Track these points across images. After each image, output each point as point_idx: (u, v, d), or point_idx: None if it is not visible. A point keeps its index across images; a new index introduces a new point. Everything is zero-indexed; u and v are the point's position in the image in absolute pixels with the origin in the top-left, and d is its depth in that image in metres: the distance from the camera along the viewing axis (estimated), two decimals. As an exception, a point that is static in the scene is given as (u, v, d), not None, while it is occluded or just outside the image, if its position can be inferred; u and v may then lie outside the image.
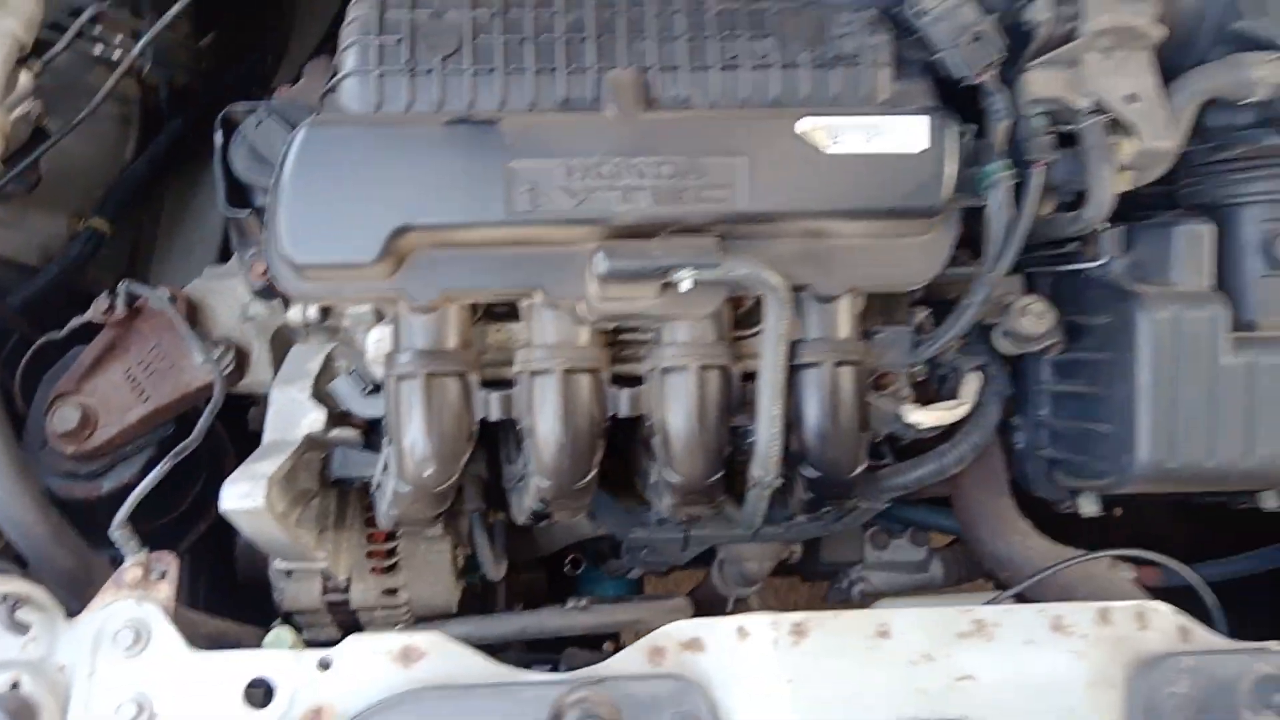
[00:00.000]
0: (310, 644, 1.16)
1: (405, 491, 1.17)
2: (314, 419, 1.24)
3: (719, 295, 1.14)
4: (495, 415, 1.17)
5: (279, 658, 1.08)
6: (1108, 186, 1.17)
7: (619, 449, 1.44)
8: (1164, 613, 1.13)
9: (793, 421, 1.20)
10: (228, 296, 1.40)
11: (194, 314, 1.39)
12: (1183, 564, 1.31)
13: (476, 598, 1.69)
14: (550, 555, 1.81)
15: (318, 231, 1.09)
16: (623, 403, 1.18)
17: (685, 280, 1.10)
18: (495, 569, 1.52)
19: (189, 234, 1.68)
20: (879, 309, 1.28)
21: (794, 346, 1.16)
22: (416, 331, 1.14)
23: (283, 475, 1.16)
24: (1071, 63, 1.18)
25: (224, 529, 1.52)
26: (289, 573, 1.39)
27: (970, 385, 1.33)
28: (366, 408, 1.23)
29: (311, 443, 1.25)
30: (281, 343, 1.38)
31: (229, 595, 1.58)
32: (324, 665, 1.08)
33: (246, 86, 1.74)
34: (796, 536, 1.49)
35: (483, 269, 1.11)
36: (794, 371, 1.18)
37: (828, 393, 1.17)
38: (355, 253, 1.08)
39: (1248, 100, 1.19)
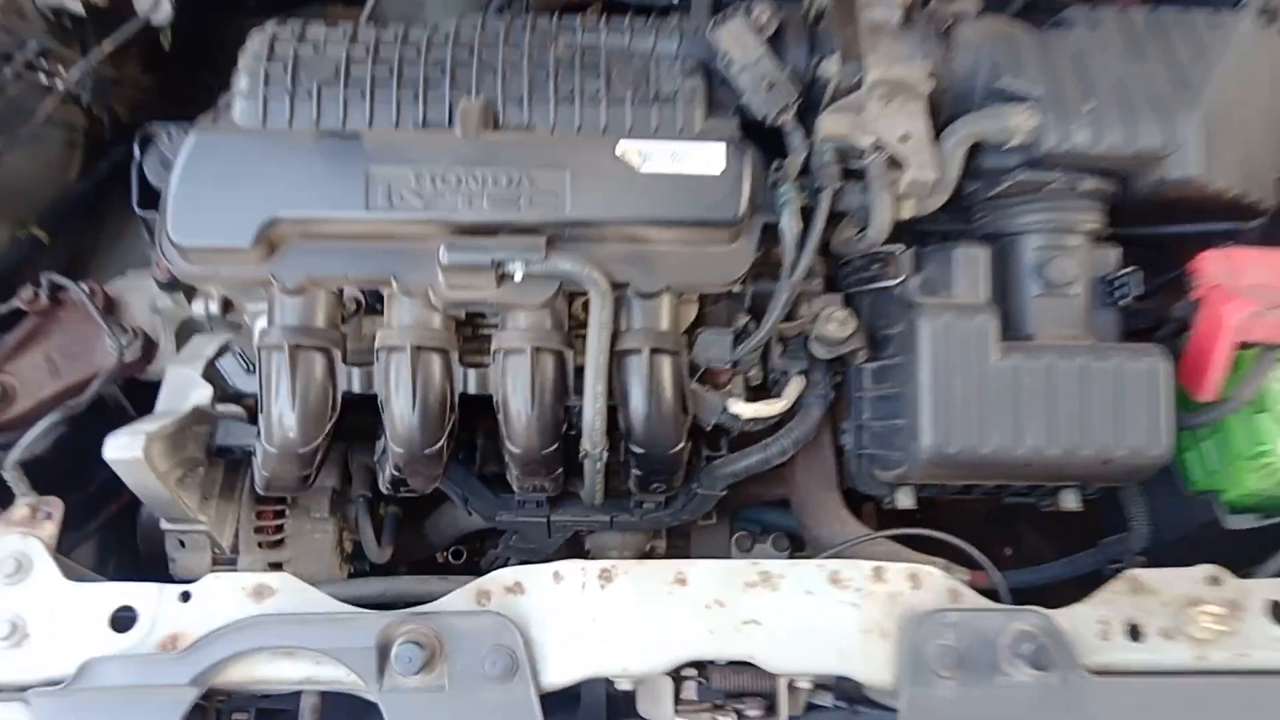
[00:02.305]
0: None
1: (272, 453, 1.33)
2: (202, 393, 1.42)
3: (550, 287, 1.33)
4: (356, 388, 1.35)
5: (144, 590, 1.24)
6: (886, 211, 1.38)
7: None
8: (936, 575, 1.29)
9: (620, 402, 1.37)
10: (143, 293, 1.59)
11: (111, 307, 1.57)
12: (972, 547, 1.47)
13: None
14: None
15: (201, 219, 1.28)
16: (470, 381, 1.36)
17: (517, 272, 1.29)
18: (378, 553, 1.67)
19: (125, 249, 1.87)
20: (719, 315, 1.47)
21: (619, 336, 1.35)
22: (286, 310, 1.32)
23: (165, 434, 1.33)
24: (857, 108, 1.40)
25: (134, 512, 1.68)
26: (182, 543, 1.54)
27: (791, 386, 1.51)
28: (246, 384, 1.41)
29: (199, 415, 1.41)
30: (188, 334, 1.56)
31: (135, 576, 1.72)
32: (184, 597, 1.24)
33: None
34: (651, 524, 1.64)
35: (343, 258, 1.31)
36: (621, 358, 1.36)
37: (646, 376, 1.35)
38: (232, 238, 1.28)
39: (1009, 144, 1.41)
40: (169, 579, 1.56)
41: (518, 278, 1.29)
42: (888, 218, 1.39)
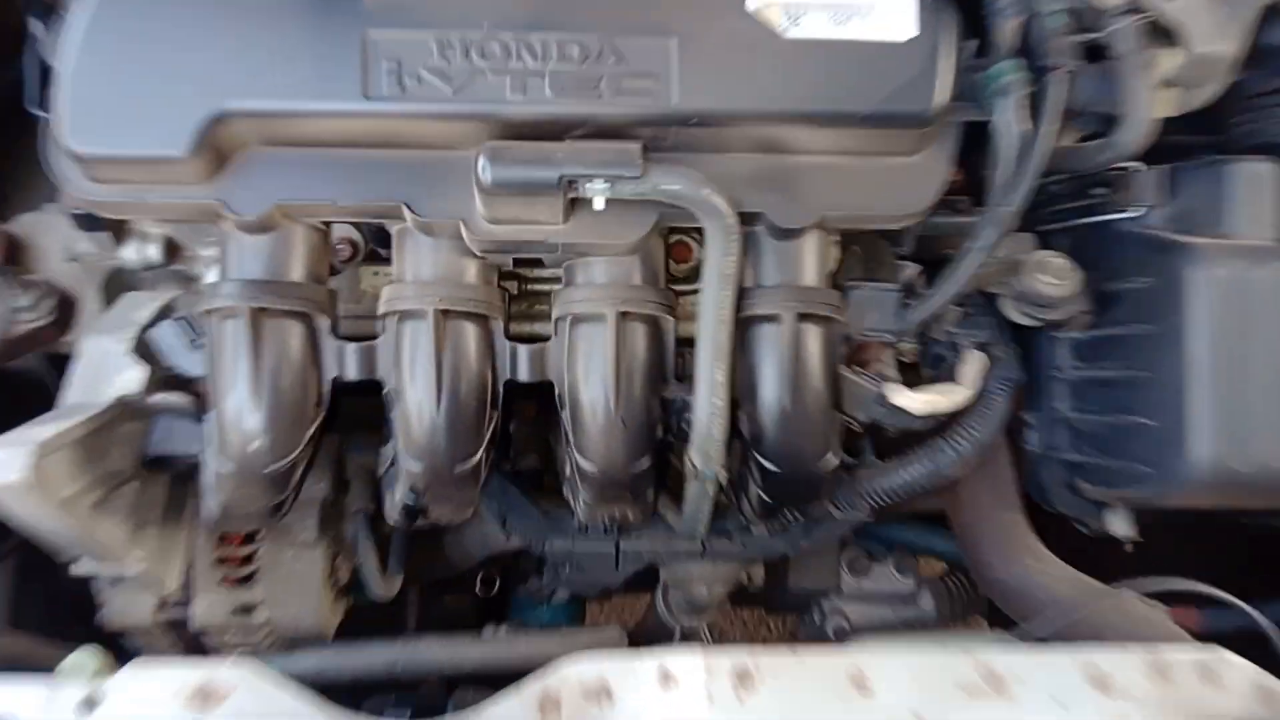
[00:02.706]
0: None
1: (228, 472, 0.89)
2: (130, 377, 0.97)
3: (646, 221, 0.88)
4: (351, 373, 0.90)
5: (26, 693, 0.80)
6: (1145, 103, 0.91)
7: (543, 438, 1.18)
8: (1236, 666, 0.85)
9: (745, 395, 0.92)
10: (59, 234, 1.13)
11: (15, 254, 1.12)
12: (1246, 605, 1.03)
13: (374, 624, 1.41)
14: (473, 576, 1.54)
15: (111, 115, 0.83)
16: (521, 362, 0.92)
17: (598, 196, 0.83)
18: (384, 585, 1.23)
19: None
20: (857, 264, 1.02)
21: (746, 295, 0.90)
22: (245, 256, 0.87)
23: (69, 442, 0.89)
24: (1101, -52, 0.93)
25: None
26: (116, 580, 1.11)
27: (971, 366, 1.06)
28: (191, 363, 0.96)
29: (126, 409, 0.97)
30: (119, 291, 1.11)
31: (70, 616, 1.29)
32: (89, 704, 0.80)
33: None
34: (755, 554, 1.20)
35: (330, 175, 0.85)
36: (747, 327, 0.91)
37: (789, 354, 0.90)
38: (160, 144, 0.82)
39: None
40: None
41: (598, 205, 0.84)
42: (1147, 113, 0.92)
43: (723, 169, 0.87)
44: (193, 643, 1.18)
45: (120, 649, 1.22)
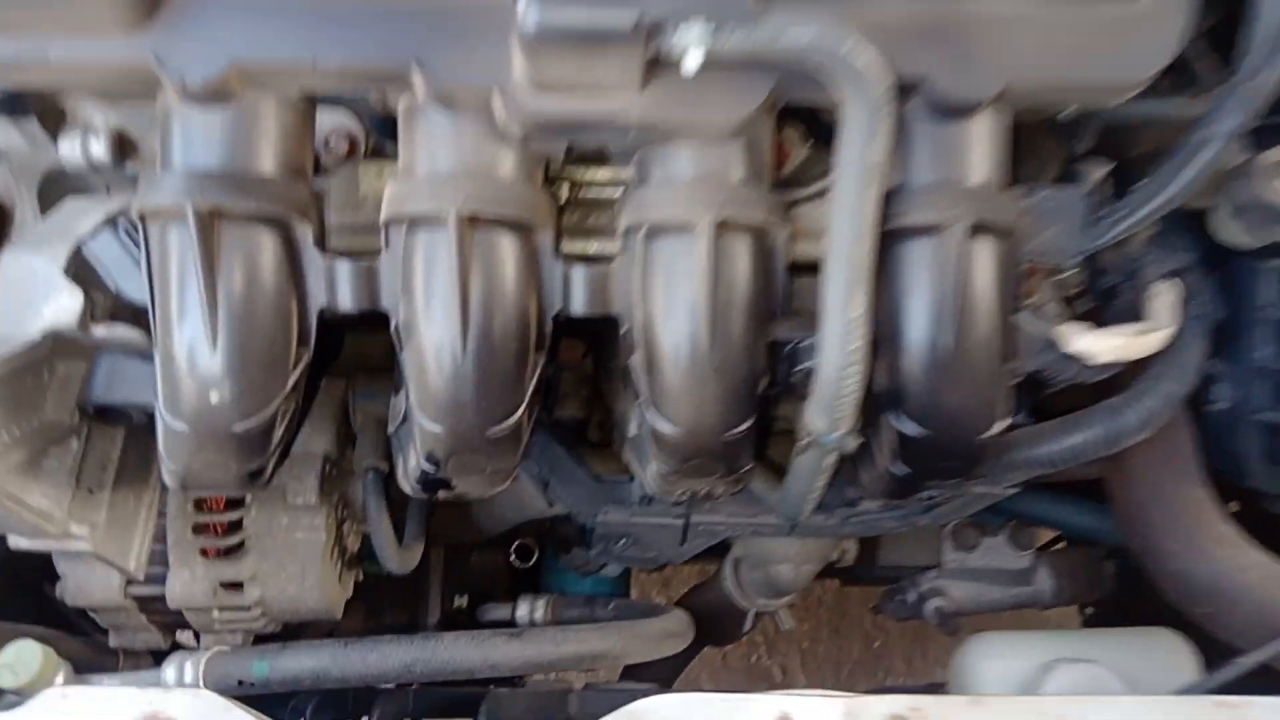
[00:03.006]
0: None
1: (181, 431, 0.66)
2: (64, 306, 0.74)
3: (756, 91, 0.62)
4: (347, 303, 0.66)
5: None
6: None
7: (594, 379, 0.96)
8: None
9: (884, 335, 0.68)
10: (-14, 127, 0.90)
11: (-67, 148, 0.88)
12: None
13: (396, 589, 1.21)
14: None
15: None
16: (576, 289, 0.67)
17: (691, 51, 0.57)
18: (400, 557, 1.02)
19: None
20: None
21: (891, 198, 0.64)
22: (195, 138, 0.63)
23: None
24: None
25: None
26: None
27: (1164, 300, 0.80)
28: (135, 285, 0.72)
29: (60, 344, 0.74)
30: (59, 196, 0.88)
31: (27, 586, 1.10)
32: (0, 741, 0.59)
33: None
34: (858, 531, 0.97)
35: (307, 23, 0.60)
36: (891, 243, 0.66)
37: (953, 280, 0.64)
38: (61, -29, 0.57)
39: None
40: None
41: (689, 65, 0.58)
42: None
43: (868, 16, 0.60)
44: (174, 624, 0.98)
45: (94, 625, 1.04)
